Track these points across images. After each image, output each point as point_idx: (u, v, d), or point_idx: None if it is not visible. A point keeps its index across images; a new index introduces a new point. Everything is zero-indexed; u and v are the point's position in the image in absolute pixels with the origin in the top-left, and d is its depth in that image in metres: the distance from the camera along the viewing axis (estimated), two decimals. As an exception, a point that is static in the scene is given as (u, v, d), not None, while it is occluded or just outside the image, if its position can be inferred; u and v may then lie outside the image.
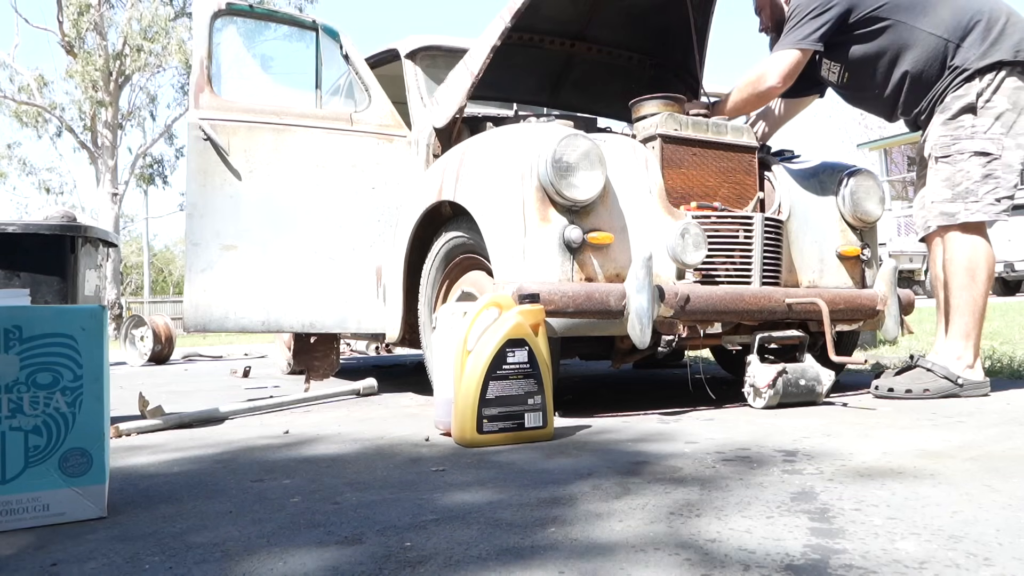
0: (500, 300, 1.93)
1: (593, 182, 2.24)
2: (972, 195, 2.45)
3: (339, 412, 2.64)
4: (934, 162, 2.54)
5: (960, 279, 2.47)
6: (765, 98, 2.69)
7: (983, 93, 2.44)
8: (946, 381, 2.44)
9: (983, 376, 2.49)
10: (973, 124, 2.46)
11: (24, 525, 1.25)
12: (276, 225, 2.92)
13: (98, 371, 1.32)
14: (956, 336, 2.49)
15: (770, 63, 2.60)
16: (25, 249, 2.07)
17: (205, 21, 2.97)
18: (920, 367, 2.50)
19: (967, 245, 2.47)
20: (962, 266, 2.47)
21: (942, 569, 0.93)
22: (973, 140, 2.45)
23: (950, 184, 2.49)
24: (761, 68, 2.61)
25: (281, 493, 1.44)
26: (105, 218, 15.94)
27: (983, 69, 2.44)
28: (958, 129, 2.48)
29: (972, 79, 2.45)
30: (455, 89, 2.85)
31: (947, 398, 2.42)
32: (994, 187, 2.44)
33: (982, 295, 2.48)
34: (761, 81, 2.60)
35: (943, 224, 2.51)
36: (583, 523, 1.17)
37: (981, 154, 2.44)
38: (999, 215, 2.45)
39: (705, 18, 3.33)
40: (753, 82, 2.63)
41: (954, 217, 2.48)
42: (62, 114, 16.97)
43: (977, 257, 2.46)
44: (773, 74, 2.57)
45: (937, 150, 2.53)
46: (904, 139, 18.22)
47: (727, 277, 2.48)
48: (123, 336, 7.24)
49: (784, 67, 2.56)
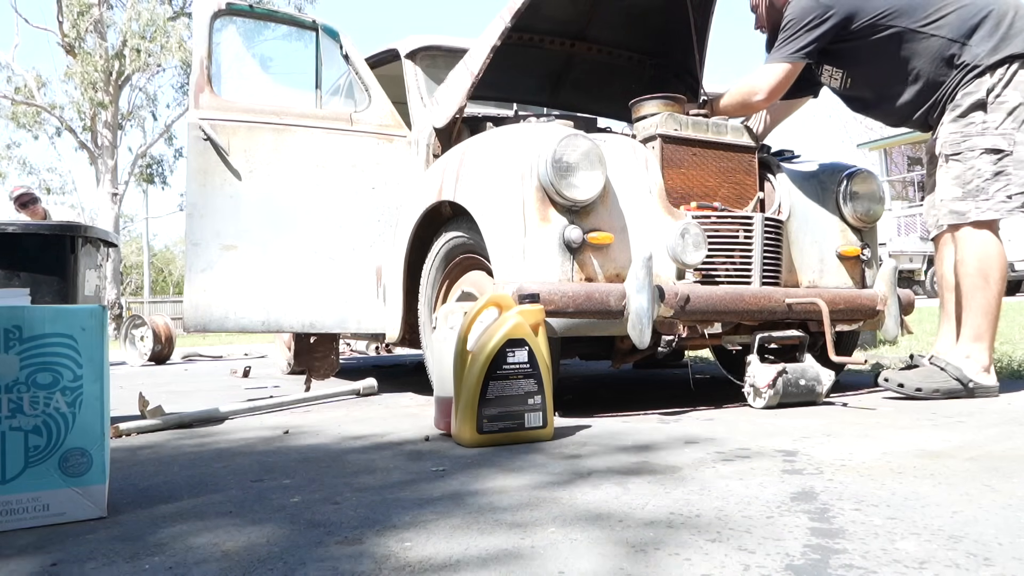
0: (500, 300, 1.93)
1: (593, 182, 2.24)
2: (983, 193, 2.42)
3: (339, 412, 2.64)
4: (944, 160, 2.52)
5: (973, 280, 2.44)
6: (752, 109, 2.72)
7: (994, 88, 2.42)
8: (957, 383, 2.40)
9: (995, 381, 2.46)
10: (984, 120, 2.43)
11: (24, 525, 1.25)
12: (276, 225, 2.92)
13: (98, 371, 1.32)
14: (969, 338, 2.46)
15: (760, 77, 2.61)
16: (25, 249, 2.07)
17: (205, 21, 2.97)
18: (934, 365, 2.46)
19: (979, 245, 2.44)
20: (974, 267, 2.44)
21: (942, 569, 0.93)
22: (984, 136, 2.43)
23: (960, 182, 2.46)
24: (752, 81, 2.63)
25: (281, 493, 1.44)
26: (105, 218, 15.93)
27: (994, 64, 2.41)
28: (969, 126, 2.45)
29: (983, 75, 2.43)
30: (455, 89, 2.85)
31: (950, 398, 2.40)
32: (1005, 184, 2.41)
33: (996, 296, 2.44)
34: (751, 94, 2.63)
35: (953, 223, 2.49)
36: (583, 523, 1.17)
37: (992, 151, 2.42)
38: (1011, 212, 2.42)
39: (705, 18, 3.33)
40: (744, 93, 2.65)
41: (964, 216, 2.45)
42: (62, 114, 16.96)
43: (990, 257, 2.43)
44: (762, 89, 2.60)
45: (947, 148, 2.50)
46: (904, 139, 18.22)
47: (727, 277, 2.48)
48: (123, 336, 7.24)
49: (772, 82, 2.58)
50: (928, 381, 2.43)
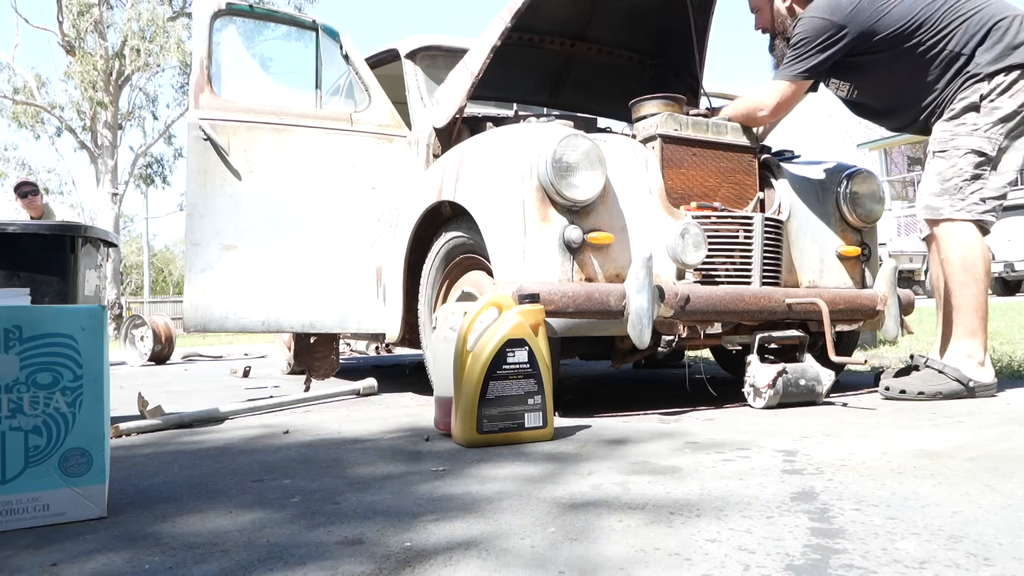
0: (500, 300, 1.93)
1: (593, 182, 2.24)
2: (960, 192, 2.45)
3: (339, 412, 2.64)
4: (931, 156, 2.56)
5: (958, 277, 2.46)
6: (756, 124, 2.73)
7: (989, 94, 2.44)
8: (958, 384, 2.40)
9: (993, 376, 2.47)
10: (975, 122, 2.46)
11: (24, 525, 1.25)
12: (276, 225, 2.92)
13: (98, 371, 1.32)
14: (963, 335, 2.47)
15: (767, 94, 2.63)
16: (25, 249, 2.07)
17: (205, 21, 2.97)
18: (931, 368, 2.47)
19: (960, 242, 2.46)
20: (958, 265, 2.45)
21: (942, 569, 0.93)
22: (971, 137, 2.45)
23: (941, 179, 2.49)
24: (758, 97, 2.65)
25: (281, 493, 1.44)
26: (105, 218, 15.93)
27: (993, 73, 2.44)
28: (959, 126, 2.48)
29: (981, 81, 2.45)
30: (455, 89, 2.85)
31: (952, 399, 2.40)
32: (980, 187, 2.44)
33: (982, 291, 2.46)
34: (756, 110, 2.65)
35: (927, 218, 2.53)
36: (583, 523, 1.17)
37: (976, 152, 2.44)
38: (983, 215, 2.44)
39: (705, 18, 3.33)
40: (749, 108, 2.67)
41: (938, 212, 2.49)
42: (62, 114, 16.96)
43: (972, 254, 2.44)
44: (767, 106, 2.63)
45: (935, 144, 2.53)
46: (904, 139, 18.23)
47: (727, 277, 2.48)
48: (123, 336, 7.24)
49: (778, 99, 2.61)
50: (929, 385, 2.43)
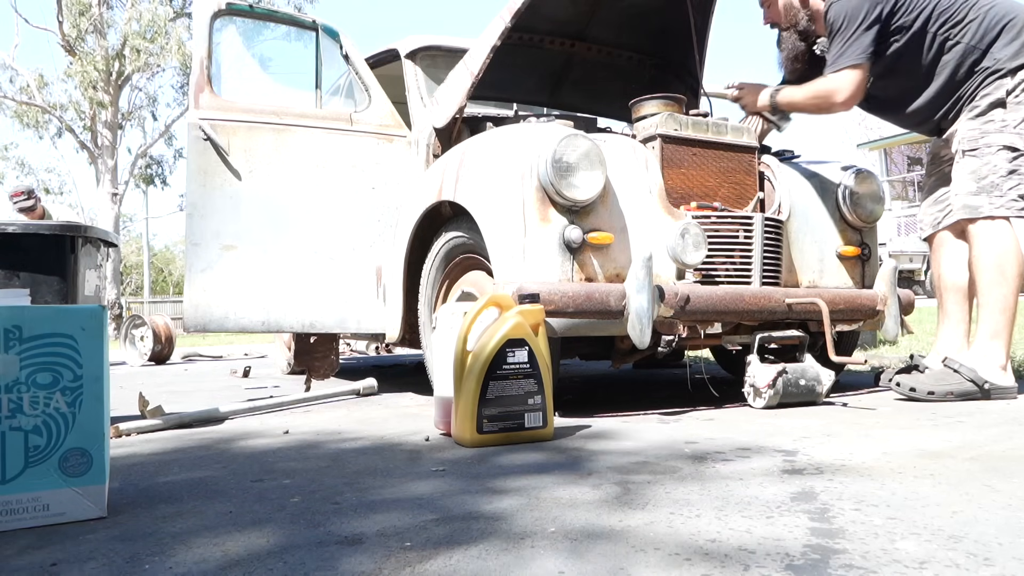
0: (500, 300, 1.93)
1: (593, 182, 2.24)
2: (997, 189, 2.42)
3: (339, 412, 2.64)
4: (961, 156, 2.52)
5: (990, 275, 2.41)
6: (827, 112, 2.64)
7: (1014, 90, 2.43)
8: (972, 385, 2.37)
9: (1013, 380, 2.43)
10: (1003, 119, 2.44)
11: (24, 525, 1.25)
12: (276, 225, 2.92)
13: (98, 371, 1.32)
14: (985, 336, 2.43)
15: (840, 84, 2.53)
16: (25, 249, 2.07)
17: (205, 21, 2.97)
18: (947, 366, 2.43)
19: (995, 240, 2.42)
20: (991, 262, 2.42)
21: (942, 569, 0.93)
22: (1002, 134, 2.43)
23: (976, 177, 2.46)
24: (831, 85, 2.55)
25: (281, 493, 1.44)
26: (105, 218, 15.93)
27: (1016, 68, 2.43)
28: (987, 124, 2.46)
29: (1004, 77, 2.44)
30: (455, 89, 2.85)
31: (964, 400, 2.37)
32: (1018, 183, 2.41)
33: (1013, 292, 2.42)
34: (832, 95, 2.55)
35: (967, 217, 2.48)
36: (583, 523, 1.17)
37: (1009, 148, 2.42)
38: (1021, 212, 2.41)
39: (705, 18, 3.33)
40: (822, 96, 2.58)
41: (977, 210, 2.45)
42: (62, 114, 16.96)
43: (1007, 252, 2.41)
44: (844, 96, 2.53)
45: (965, 143, 2.50)
46: (904, 139, 18.22)
47: (727, 277, 2.48)
48: (123, 336, 7.23)
49: (852, 88, 2.52)
50: (941, 384, 2.39)
